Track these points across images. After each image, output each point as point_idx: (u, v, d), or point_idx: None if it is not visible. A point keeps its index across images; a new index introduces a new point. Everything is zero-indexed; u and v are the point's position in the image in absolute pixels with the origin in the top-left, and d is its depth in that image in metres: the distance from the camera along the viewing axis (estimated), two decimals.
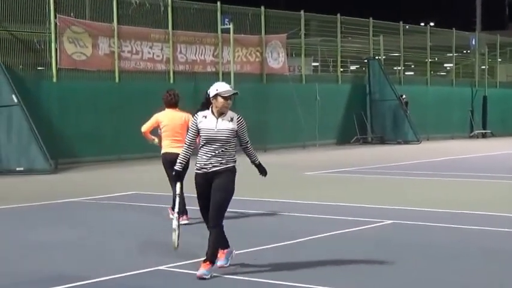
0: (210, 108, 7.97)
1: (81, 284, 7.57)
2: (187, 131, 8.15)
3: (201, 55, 26.58)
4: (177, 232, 7.97)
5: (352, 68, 36.22)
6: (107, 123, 23.25)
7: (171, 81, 25.36)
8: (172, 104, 11.68)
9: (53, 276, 7.88)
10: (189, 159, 8.09)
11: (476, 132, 37.85)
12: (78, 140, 22.26)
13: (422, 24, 43.41)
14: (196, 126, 7.95)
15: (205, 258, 7.76)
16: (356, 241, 9.98)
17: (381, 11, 39.61)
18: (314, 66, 35.08)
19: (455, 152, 26.84)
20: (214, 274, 7.80)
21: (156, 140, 11.74)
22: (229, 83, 28.82)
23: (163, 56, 25.35)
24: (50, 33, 22.09)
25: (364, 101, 32.66)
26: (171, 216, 10.75)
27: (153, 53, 25.08)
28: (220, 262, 8.06)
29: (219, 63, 27.05)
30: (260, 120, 27.76)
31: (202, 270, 7.66)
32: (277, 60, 29.32)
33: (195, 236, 9.90)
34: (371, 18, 33.18)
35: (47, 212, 13.05)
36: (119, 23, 23.92)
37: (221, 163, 7.88)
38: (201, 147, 7.91)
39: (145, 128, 11.77)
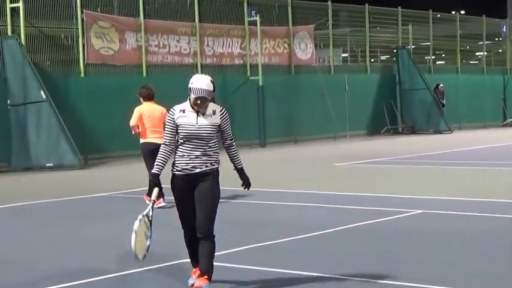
0: (188, 100, 6.83)
1: (109, 276, 7.62)
2: (164, 126, 7.00)
3: (229, 48, 26.49)
4: (135, 238, 6.74)
5: (382, 57, 35.92)
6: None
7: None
8: (151, 97, 12.86)
9: (82, 270, 7.90)
10: (167, 160, 6.97)
11: (509, 120, 37.36)
12: (106, 135, 22.27)
13: (452, 12, 42.97)
14: (174, 122, 6.82)
15: (200, 272, 6.85)
16: (386, 231, 9.90)
17: (409, 0, 39.24)
18: (343, 57, 34.84)
19: (488, 141, 26.52)
20: (247, 266, 7.75)
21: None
22: (257, 75, 29.03)
23: (190, 49, 25.29)
24: (77, 28, 22.12)
25: (394, 91, 32.39)
26: (147, 202, 11.26)
27: (180, 47, 25.03)
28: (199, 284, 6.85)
29: (247, 56, 26.95)
30: (289, 112, 27.69)
31: (202, 284, 6.78)
32: (305, 51, 29.15)
33: (225, 227, 9.85)
34: (400, 8, 32.87)
35: (77, 207, 13.12)
36: (145, 17, 23.90)
37: (206, 165, 6.81)
38: (180, 145, 6.83)
39: (133, 121, 12.61)
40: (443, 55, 38.69)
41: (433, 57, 35.59)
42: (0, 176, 18.75)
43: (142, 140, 12.55)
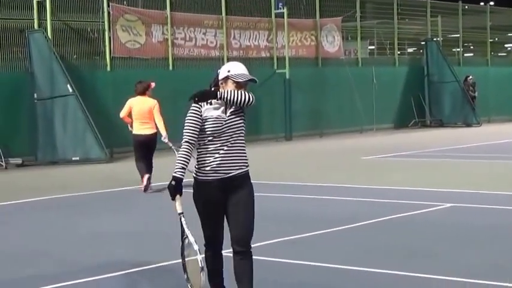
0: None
1: (139, 269, 7.67)
2: (188, 123, 5.93)
3: (255, 40, 26.36)
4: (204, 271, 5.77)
5: (410, 50, 35.62)
6: (162, 111, 23.10)
7: None
8: (143, 92, 13.81)
9: (110, 263, 7.92)
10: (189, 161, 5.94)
11: None
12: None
13: (481, 3, 42.52)
14: (201, 115, 5.86)
15: None
16: (415, 225, 9.86)
17: None
18: (370, 49, 34.59)
19: None
20: (277, 259, 7.75)
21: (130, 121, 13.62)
22: (284, 67, 28.95)
23: (217, 42, 25.20)
24: (104, 22, 22.11)
25: (422, 84, 32.09)
26: (144, 182, 13.50)
27: (207, 40, 24.94)
28: None
29: (274, 48, 26.81)
30: (316, 105, 27.52)
31: None
32: (332, 43, 28.95)
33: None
34: None
35: (104, 200, 13.19)
36: (171, 10, 23.84)
37: (240, 165, 5.89)
38: (204, 144, 5.87)
39: (123, 113, 13.60)
40: (472, 47, 38.27)
41: (462, 49, 35.23)
42: (27, 169, 18.85)
43: (133, 132, 13.66)
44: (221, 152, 5.81)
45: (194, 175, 5.95)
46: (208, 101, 5.87)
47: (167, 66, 23.80)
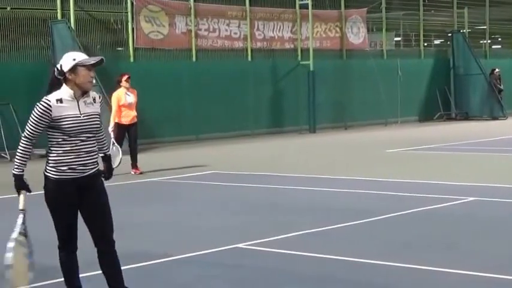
0: (64, 88, 5.72)
1: (163, 261, 7.70)
2: (32, 122, 5.72)
3: (279, 32, 26.23)
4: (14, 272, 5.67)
5: (436, 42, 35.33)
6: (185, 102, 23.21)
7: (249, 58, 25.15)
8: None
9: (133, 254, 7.88)
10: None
11: None
12: (155, 120, 22.24)
13: None
14: (50, 114, 5.63)
15: None
16: (438, 218, 9.80)
17: None
18: (396, 41, 34.33)
19: None
20: (299, 252, 7.75)
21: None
22: (308, 59, 28.97)
23: (240, 33, 25.10)
24: (127, 12, 22.12)
25: (447, 76, 31.84)
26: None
27: (231, 31, 24.86)
28: None
29: (298, 40, 26.67)
30: (340, 98, 27.39)
31: None
32: (357, 35, 28.76)
33: (277, 213, 9.81)
34: None
35: (128, 192, 13.15)
36: (195, 0, 23.78)
37: (94, 163, 5.79)
38: (58, 143, 5.71)
39: (116, 106, 15.10)
40: (500, 39, 37.88)
41: (489, 41, 34.87)
42: None
43: (116, 121, 15.01)
44: (77, 151, 5.72)
45: (48, 174, 5.80)
46: (57, 98, 5.68)
47: (190, 58, 23.76)
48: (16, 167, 5.75)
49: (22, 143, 5.74)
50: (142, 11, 22.48)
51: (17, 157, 5.77)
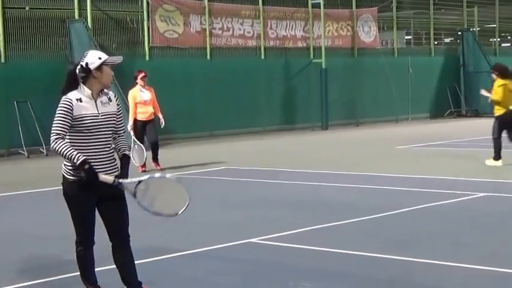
0: (82, 87, 5.77)
1: (176, 255, 7.78)
2: (59, 119, 5.77)
3: (292, 30, 26.51)
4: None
5: (446, 40, 35.47)
6: (199, 100, 23.49)
7: (262, 57, 25.43)
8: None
9: (147, 248, 7.99)
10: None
11: None
12: (170, 117, 22.30)
13: None
14: (72, 112, 5.72)
15: (134, 285, 6.01)
16: (449, 213, 9.86)
17: None
18: (406, 39, 34.51)
19: None
20: (307, 247, 7.78)
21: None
22: (320, 57, 29.13)
23: (254, 32, 25.40)
24: (143, 12, 22.42)
25: (458, 74, 31.96)
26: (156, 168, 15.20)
27: (244, 30, 25.15)
28: None
29: (310, 38, 26.93)
30: (352, 95, 27.60)
31: None
32: (368, 34, 29.00)
33: (288, 208, 9.92)
34: None
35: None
36: (209, 0, 24.06)
37: (112, 164, 5.87)
38: (75, 142, 5.76)
39: (133, 104, 15.41)
40: (509, 37, 37.94)
41: (499, 39, 34.95)
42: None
43: (134, 118, 15.33)
44: (96, 151, 5.80)
45: (66, 174, 5.83)
46: (76, 98, 5.75)
47: (205, 56, 24.04)
48: (75, 158, 5.61)
49: (58, 143, 5.66)
50: (157, 11, 22.80)
51: (67, 155, 5.64)
